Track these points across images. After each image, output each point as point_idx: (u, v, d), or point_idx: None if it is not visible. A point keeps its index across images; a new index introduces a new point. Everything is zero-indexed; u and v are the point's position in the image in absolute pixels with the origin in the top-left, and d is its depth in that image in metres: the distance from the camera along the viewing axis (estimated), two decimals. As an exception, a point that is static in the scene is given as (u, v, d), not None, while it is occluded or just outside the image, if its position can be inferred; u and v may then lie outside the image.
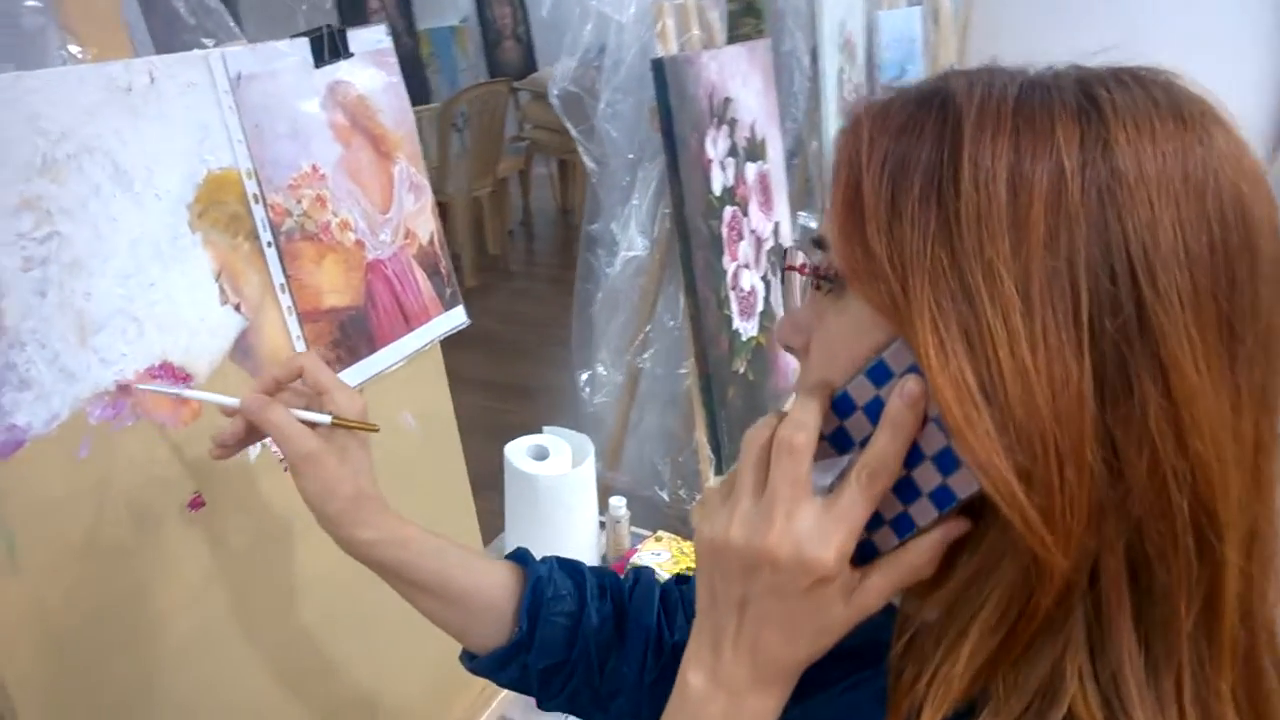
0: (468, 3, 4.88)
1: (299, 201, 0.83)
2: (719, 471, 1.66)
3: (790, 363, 2.01)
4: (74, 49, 0.68)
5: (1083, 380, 0.39)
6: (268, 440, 0.72)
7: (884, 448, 0.43)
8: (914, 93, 0.44)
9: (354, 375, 0.89)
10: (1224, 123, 0.42)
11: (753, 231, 1.83)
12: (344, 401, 0.64)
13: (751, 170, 1.82)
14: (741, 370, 1.77)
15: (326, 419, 0.63)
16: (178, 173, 0.73)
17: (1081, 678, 0.41)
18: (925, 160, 0.42)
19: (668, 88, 1.52)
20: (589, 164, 1.62)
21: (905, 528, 0.45)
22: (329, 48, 0.86)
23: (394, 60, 0.94)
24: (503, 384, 3.36)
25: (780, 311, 1.93)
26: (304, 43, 0.84)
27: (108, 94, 0.67)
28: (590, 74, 1.64)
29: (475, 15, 4.92)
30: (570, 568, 0.71)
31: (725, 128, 1.71)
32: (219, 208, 0.76)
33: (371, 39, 0.92)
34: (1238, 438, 0.40)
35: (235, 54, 0.77)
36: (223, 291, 0.76)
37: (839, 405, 0.46)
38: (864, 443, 0.44)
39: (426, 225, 0.98)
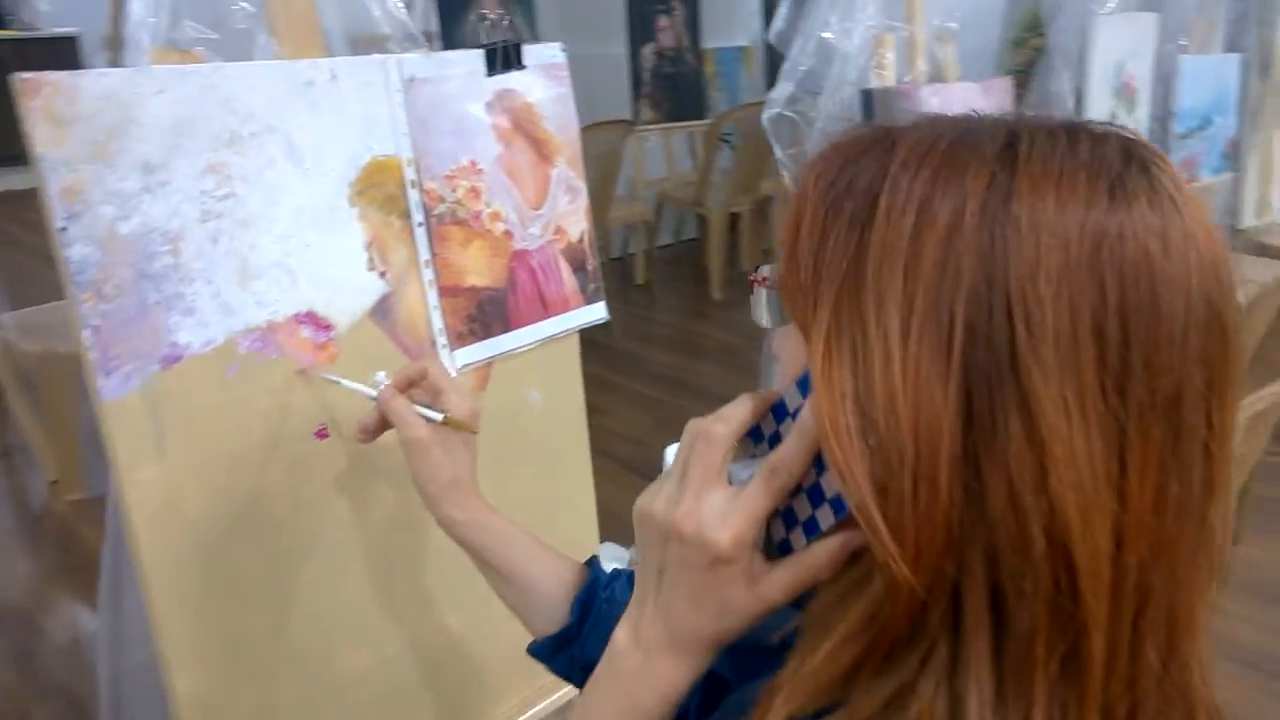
0: (757, 24, 5.01)
1: (454, 190, 0.95)
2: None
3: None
4: (276, 45, 0.84)
5: (946, 405, 0.40)
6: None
7: (787, 449, 0.46)
8: (872, 129, 0.47)
9: (485, 350, 1.00)
10: (1157, 188, 0.41)
11: (960, 271, 1.78)
12: (456, 403, 0.76)
13: (968, 208, 1.77)
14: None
15: (438, 416, 0.75)
16: (344, 155, 0.86)
17: (936, 698, 0.42)
18: (858, 190, 0.44)
19: (874, 118, 1.52)
20: (790, 187, 1.66)
21: (812, 530, 0.48)
22: (502, 60, 0.98)
23: (565, 74, 1.04)
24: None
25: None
26: (478, 54, 0.96)
27: (292, 85, 0.82)
28: (807, 100, 1.68)
29: (761, 37, 5.03)
30: None
31: (940, 163, 1.68)
32: (377, 188, 0.89)
33: (546, 54, 1.03)
34: (1123, 494, 0.40)
35: (410, 60, 0.90)
36: (371, 259, 0.89)
37: (777, 411, 0.50)
38: None
39: (578, 224, 1.07)
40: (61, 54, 6.61)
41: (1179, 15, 3.12)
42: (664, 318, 4.37)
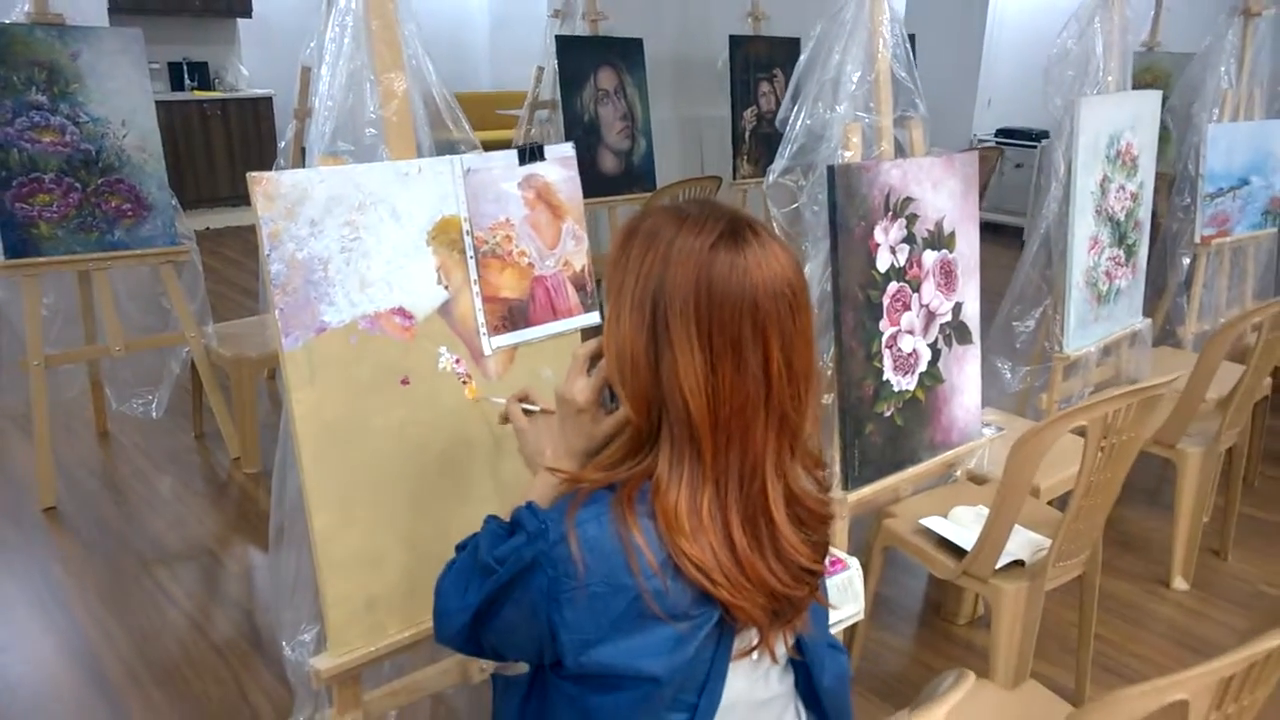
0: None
1: (494, 236, 1.53)
2: (845, 487, 2.10)
3: (955, 420, 2.36)
4: (388, 152, 1.44)
5: (642, 341, 0.94)
6: (452, 360, 1.44)
7: (605, 361, 1.01)
8: (645, 211, 1.01)
9: (512, 338, 1.56)
10: (738, 241, 0.93)
11: (924, 305, 2.24)
12: (544, 403, 1.28)
13: (932, 256, 2.24)
14: (888, 414, 2.19)
15: (536, 408, 1.25)
16: (425, 215, 1.45)
17: (649, 465, 0.96)
18: (628, 238, 0.98)
19: (836, 187, 2.02)
20: (779, 237, 2.17)
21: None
22: (530, 156, 1.55)
23: (574, 161, 1.61)
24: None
25: (945, 374, 2.31)
26: (514, 153, 1.54)
27: (395, 175, 1.42)
28: (798, 171, 2.19)
29: (860, 99, 5.51)
30: None
31: (901, 220, 2.16)
32: (444, 235, 1.48)
33: (562, 150, 1.60)
34: (715, 384, 0.92)
35: (468, 158, 1.49)
36: (439, 278, 1.48)
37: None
38: None
39: (580, 260, 1.63)
40: (259, 112, 7.73)
41: (1212, 87, 3.46)
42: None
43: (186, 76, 7.56)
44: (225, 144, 7.63)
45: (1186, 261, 3.46)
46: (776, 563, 0.97)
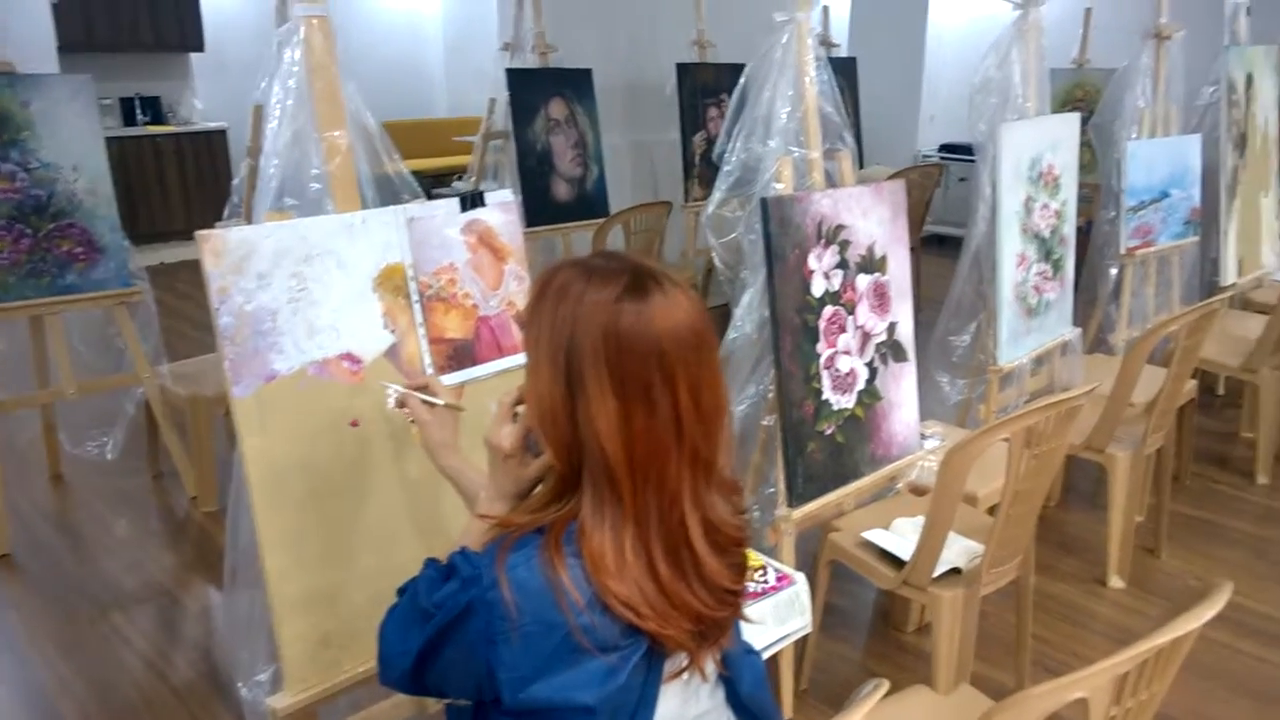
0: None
1: (439, 280, 1.60)
2: (789, 504, 2.19)
3: (895, 435, 2.46)
4: (333, 205, 1.50)
5: (559, 391, 1.00)
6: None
7: (527, 410, 1.08)
8: (557, 264, 1.08)
9: (458, 376, 1.63)
10: (641, 291, 1.00)
11: (859, 327, 2.34)
12: (444, 396, 1.35)
13: (865, 280, 2.34)
14: (829, 432, 2.28)
15: (438, 401, 1.33)
16: (370, 263, 1.52)
17: (573, 508, 1.02)
18: (539, 293, 1.05)
19: (770, 218, 2.11)
20: (719, 265, 2.26)
21: None
22: (471, 203, 1.63)
23: (514, 206, 1.69)
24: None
25: (884, 391, 2.41)
26: (455, 200, 1.61)
27: (340, 227, 1.48)
28: (735, 202, 2.29)
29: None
30: None
31: (834, 247, 2.26)
32: (389, 281, 1.54)
33: (501, 196, 1.67)
34: (629, 429, 0.98)
35: (411, 207, 1.56)
36: (385, 323, 1.54)
37: None
38: None
39: (523, 299, 1.70)
40: (213, 146, 7.72)
41: (1130, 106, 3.62)
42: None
43: (139, 111, 7.53)
44: (179, 178, 7.61)
45: (1114, 272, 3.61)
46: (700, 588, 1.03)
